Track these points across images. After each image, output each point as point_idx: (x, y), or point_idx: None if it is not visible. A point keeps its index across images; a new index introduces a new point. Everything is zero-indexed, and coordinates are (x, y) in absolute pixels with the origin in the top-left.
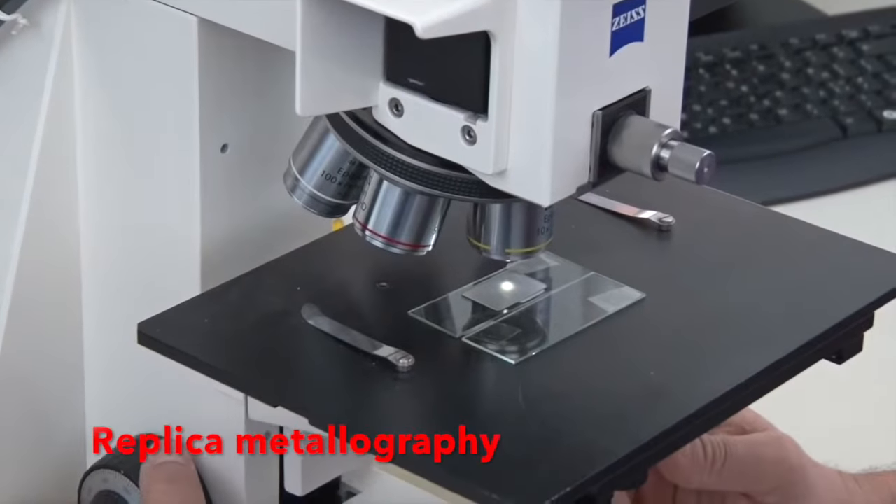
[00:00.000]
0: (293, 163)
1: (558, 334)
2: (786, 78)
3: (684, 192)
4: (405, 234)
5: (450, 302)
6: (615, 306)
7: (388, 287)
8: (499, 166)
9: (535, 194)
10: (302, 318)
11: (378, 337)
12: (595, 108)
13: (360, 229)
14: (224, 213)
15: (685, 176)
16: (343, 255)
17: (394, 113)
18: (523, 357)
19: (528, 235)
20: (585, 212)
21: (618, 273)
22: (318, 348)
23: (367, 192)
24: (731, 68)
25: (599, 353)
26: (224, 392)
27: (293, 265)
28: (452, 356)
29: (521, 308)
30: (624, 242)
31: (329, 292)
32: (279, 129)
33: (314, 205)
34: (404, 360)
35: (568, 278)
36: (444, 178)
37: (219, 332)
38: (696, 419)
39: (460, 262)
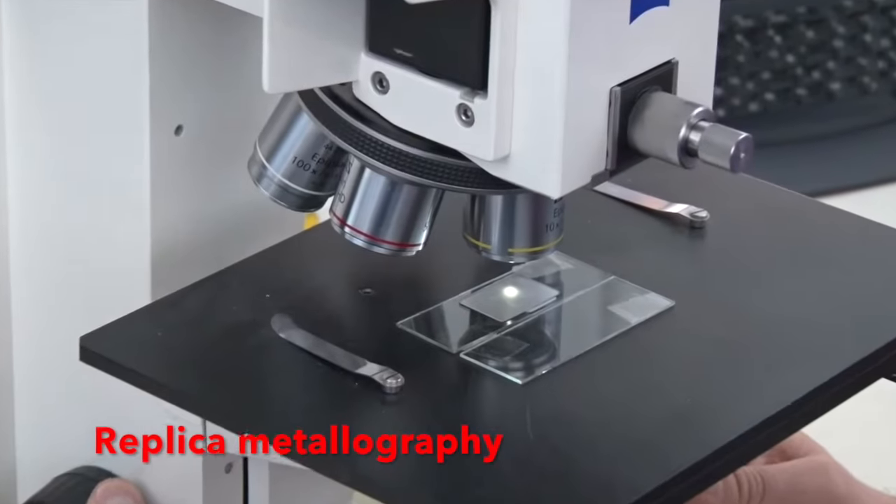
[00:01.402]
0: (259, 148)
1: (572, 349)
2: (839, 46)
3: (719, 182)
4: (391, 231)
5: (444, 311)
6: (639, 316)
7: (373, 294)
8: (500, 152)
9: (542, 184)
10: (272, 331)
11: (361, 353)
12: (613, 83)
13: (338, 226)
14: (178, 207)
15: (718, 163)
16: (319, 257)
17: (377, 89)
18: (531, 376)
19: (534, 233)
20: (603, 205)
21: (642, 277)
22: (290, 366)
23: (346, 182)
24: (774, 35)
25: (621, 372)
26: (180, 417)
27: (260, 268)
28: (448, 375)
29: (528, 319)
30: (649, 241)
31: (303, 300)
32: (243, 109)
33: (284, 196)
34: (392, 380)
35: (583, 283)
36: (435, 166)
37: (174, 348)
38: (733, 449)
39: (456, 264)
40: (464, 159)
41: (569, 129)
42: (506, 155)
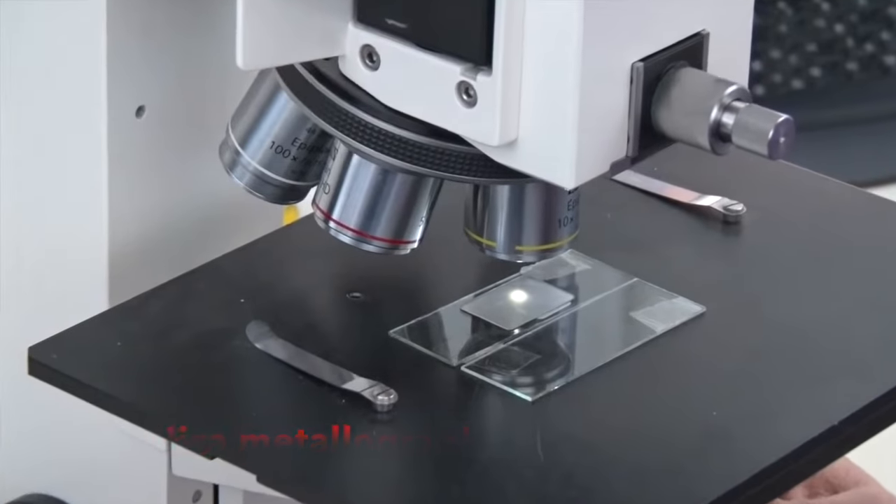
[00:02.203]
0: (232, 131)
1: (589, 362)
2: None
3: (756, 171)
4: (383, 226)
5: (443, 318)
6: (665, 324)
7: (362, 299)
8: (506, 136)
9: (554, 173)
10: (246, 341)
11: (348, 366)
12: (635, 58)
13: (322, 220)
14: (140, 199)
15: (755, 148)
16: (300, 256)
17: (366, 64)
18: (541, 392)
19: (546, 228)
20: (624, 197)
21: (669, 279)
22: (267, 381)
23: (330, 171)
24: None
25: (643, 388)
26: (142, 439)
27: (234, 269)
28: (447, 391)
29: (539, 327)
30: (676, 238)
31: (282, 306)
32: (213, 88)
33: (261, 187)
34: (384, 397)
35: (602, 286)
36: (433, 152)
37: (135, 360)
38: (770, 476)
39: (457, 264)
40: (465, 145)
41: (584, 111)
42: (513, 140)
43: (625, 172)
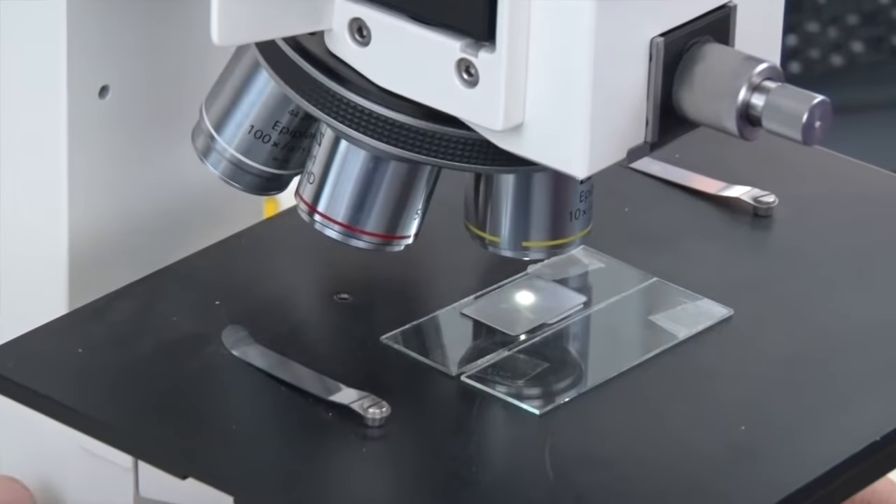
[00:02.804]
0: (206, 114)
1: (603, 371)
2: None
3: (789, 159)
4: (374, 220)
5: (441, 323)
6: (689, 328)
7: (351, 300)
8: (511, 120)
9: (565, 161)
10: (222, 348)
11: (336, 375)
12: (654, 33)
13: (306, 213)
14: (103, 188)
15: (788, 133)
16: (282, 253)
17: (356, 40)
18: (551, 405)
19: (555, 222)
20: (643, 187)
21: (693, 279)
22: (246, 392)
23: (315, 158)
24: None
25: (664, 399)
26: (105, 457)
27: (208, 268)
28: (446, 403)
29: (548, 332)
30: (701, 233)
31: (262, 308)
32: (185, 66)
33: (238, 176)
34: (375, 410)
35: (618, 287)
36: (430, 137)
37: (98, 369)
38: (804, 498)
39: (456, 262)
40: (465, 129)
41: (598, 92)
42: (518, 124)
43: (643, 160)
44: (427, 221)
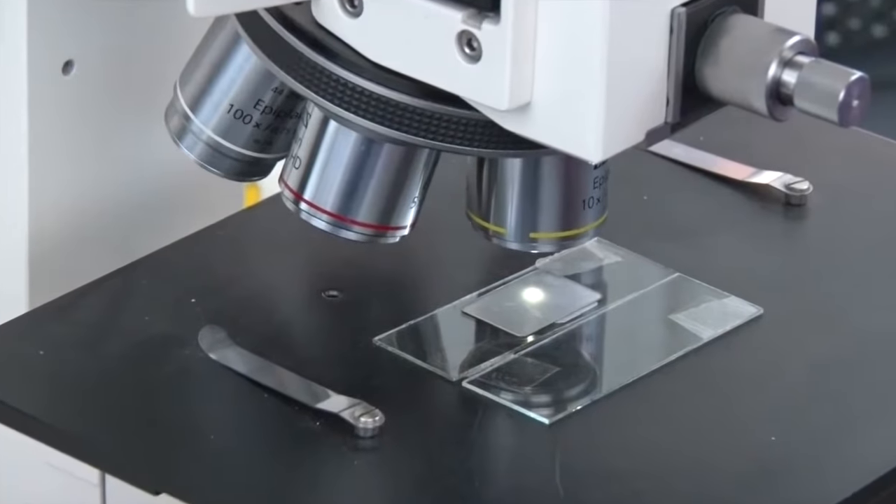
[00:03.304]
0: (181, 93)
1: (619, 376)
2: None
3: (824, 141)
4: (366, 209)
5: (440, 323)
6: (714, 328)
7: (340, 298)
8: (517, 98)
9: (577, 144)
10: (199, 350)
11: (325, 381)
12: (675, 3)
13: (291, 201)
14: (68, 173)
15: (823, 113)
16: (264, 245)
17: (346, 10)
18: (561, 414)
19: (567, 212)
20: (663, 173)
21: (719, 274)
22: (225, 399)
23: (302, 141)
24: None
25: (687, 407)
26: (70, 471)
27: (183, 262)
28: (445, 412)
29: (558, 333)
30: (728, 223)
31: (243, 307)
32: (156, 39)
33: (216, 160)
34: (367, 419)
35: (636, 283)
36: (427, 118)
37: (62, 373)
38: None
39: (457, 256)
40: (468, 109)
41: (613, 67)
42: (525, 103)
43: (664, 143)
44: (425, 210)
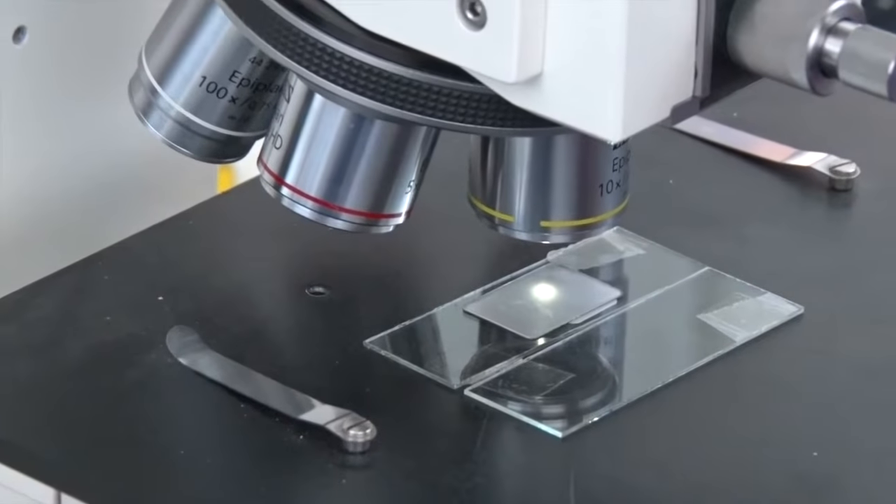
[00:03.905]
0: (147, 63)
1: (641, 383)
2: None
3: (872, 119)
4: (355, 194)
5: (439, 323)
6: (749, 330)
7: (327, 295)
8: (526, 70)
9: (594, 121)
10: (167, 354)
11: (309, 389)
12: None
13: (272, 185)
14: (20, 154)
15: (870, 87)
16: (241, 236)
17: None
18: (576, 426)
19: (582, 197)
20: (692, 154)
21: (755, 268)
22: (197, 410)
23: (283, 118)
24: None
25: (718, 418)
26: (23, 492)
27: (149, 254)
28: (445, 424)
29: (573, 335)
30: (765, 211)
31: (216, 305)
32: (118, 3)
33: (186, 139)
34: (357, 432)
35: (661, 279)
36: (425, 92)
37: (12, 381)
38: None
39: (459, 247)
40: (470, 81)
41: (635, 36)
42: (536, 75)
43: (692, 120)
44: (422, 196)
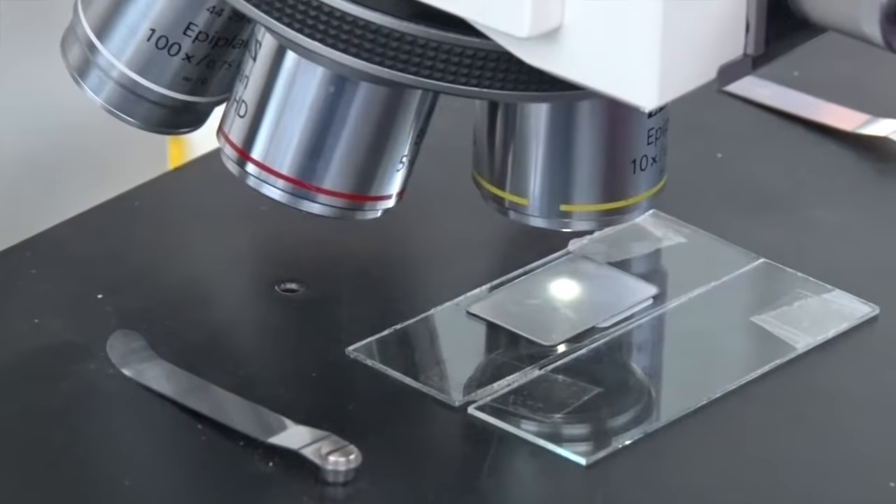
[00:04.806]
0: (83, 14)
1: (683, 400)
2: None
3: None
4: (336, 173)
5: (437, 326)
6: (813, 335)
7: (302, 293)
8: (542, 23)
9: (625, 85)
10: (108, 364)
11: (281, 406)
12: None
13: (235, 162)
14: None
15: None
16: (197, 222)
17: None
18: (603, 451)
19: (610, 176)
20: (744, 121)
21: (820, 261)
22: (144, 430)
23: (248, 80)
24: None
25: (774, 440)
26: None
27: (86, 244)
28: (445, 449)
29: (600, 342)
30: (833, 190)
31: (167, 305)
32: None
33: (131, 105)
34: (338, 458)
35: (707, 273)
36: (420, 48)
37: None
38: None
39: (461, 236)
40: (475, 35)
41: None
42: (554, 28)
43: (744, 82)
44: (416, 175)
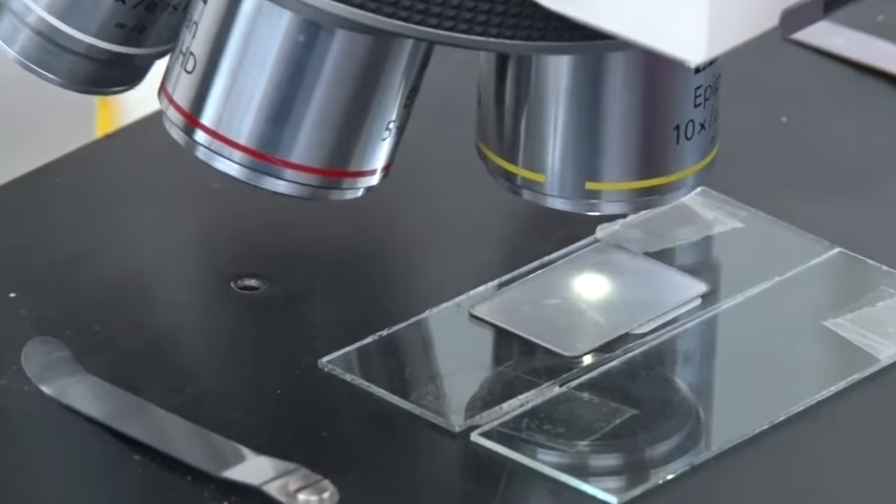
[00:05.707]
0: None
1: (740, 423)
2: None
3: None
4: (307, 143)
5: (433, 333)
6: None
7: (264, 291)
8: None
9: (666, 34)
10: (23, 378)
11: (238, 432)
12: None
13: (181, 128)
14: None
15: None
16: (133, 203)
17: None
18: (640, 487)
19: (648, 147)
20: (814, 77)
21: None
22: (67, 459)
23: (197, 27)
24: None
25: (855, 471)
26: None
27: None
28: (442, 483)
29: (636, 351)
30: None
31: (96, 305)
32: None
33: (51, 59)
34: (310, 497)
35: (770, 266)
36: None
37: None
38: None
39: (462, 222)
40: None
41: None
42: None
43: (814, 29)
44: (407, 145)
